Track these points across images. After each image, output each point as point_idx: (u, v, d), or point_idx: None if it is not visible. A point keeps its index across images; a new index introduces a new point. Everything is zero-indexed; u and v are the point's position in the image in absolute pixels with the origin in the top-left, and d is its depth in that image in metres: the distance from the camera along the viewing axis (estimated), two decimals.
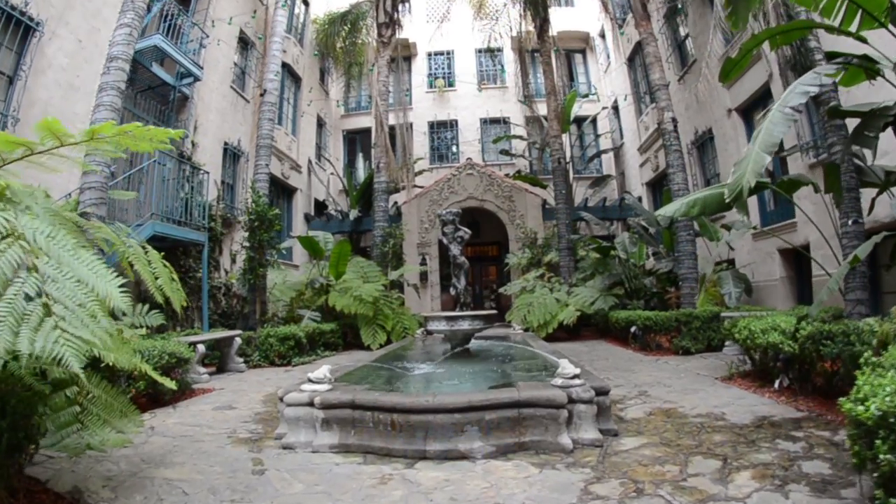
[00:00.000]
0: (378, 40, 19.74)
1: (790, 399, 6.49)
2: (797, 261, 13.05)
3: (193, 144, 14.98)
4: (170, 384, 4.88)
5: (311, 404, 5.10)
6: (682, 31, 18.27)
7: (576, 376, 5.11)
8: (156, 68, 13.42)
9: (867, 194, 8.16)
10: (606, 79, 26.50)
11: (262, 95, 14.68)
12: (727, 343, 10.70)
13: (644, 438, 5.17)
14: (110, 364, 3.60)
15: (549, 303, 15.11)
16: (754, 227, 13.63)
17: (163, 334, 10.86)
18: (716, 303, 12.91)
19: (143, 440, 5.79)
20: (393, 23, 19.76)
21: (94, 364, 5.56)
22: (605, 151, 25.40)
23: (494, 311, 10.14)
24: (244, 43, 18.79)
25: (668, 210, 8.83)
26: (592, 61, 28.23)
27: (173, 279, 5.25)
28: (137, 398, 7.54)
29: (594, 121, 26.34)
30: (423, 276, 19.99)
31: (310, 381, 5.35)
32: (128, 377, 7.26)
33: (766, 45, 12.36)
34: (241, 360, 11.36)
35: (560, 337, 14.86)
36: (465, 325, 8.95)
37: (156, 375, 5.15)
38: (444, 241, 10.27)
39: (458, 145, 27.47)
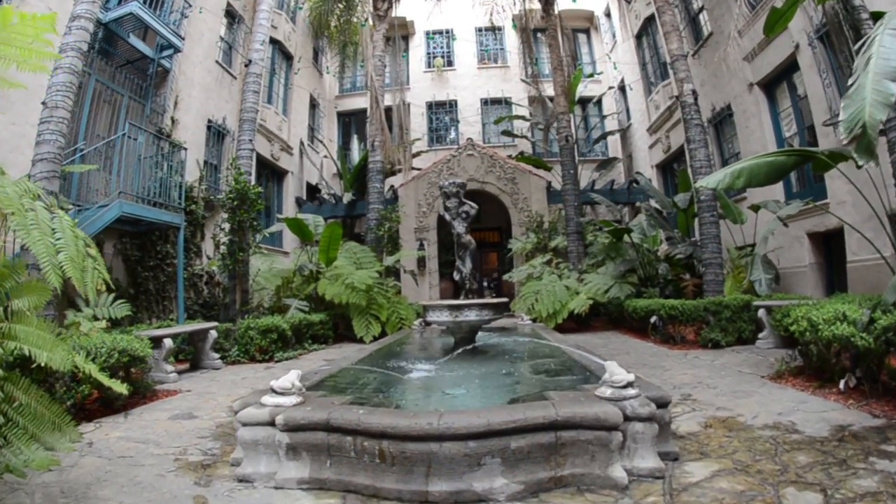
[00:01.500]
0: (374, 14, 18.33)
1: (860, 402, 5.37)
2: (827, 246, 11.92)
3: (173, 121, 13.68)
4: (118, 388, 4.19)
5: (273, 424, 3.74)
6: (696, 4, 16.88)
7: (629, 384, 3.76)
8: (133, 40, 12.23)
9: None
10: (612, 58, 25.09)
11: (246, 66, 13.28)
12: (761, 335, 9.59)
13: (713, 463, 3.90)
14: (43, 365, 3.23)
15: (559, 291, 13.77)
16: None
17: (132, 327, 9.61)
18: (743, 290, 11.69)
19: (74, 461, 4.57)
20: None
21: (23, 364, 4.57)
22: (611, 133, 23.97)
23: (505, 300, 8.73)
24: (231, 17, 17.39)
25: (709, 181, 7.54)
26: (597, 41, 26.90)
27: (92, 257, 3.90)
28: (88, 403, 6.36)
29: (599, 102, 25.09)
30: (421, 263, 18.70)
31: (273, 391, 3.97)
32: (72, 379, 5.97)
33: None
34: (217, 356, 9.99)
35: (569, 328, 13.57)
36: (471, 316, 7.56)
37: (102, 377, 4.52)
38: (447, 216, 8.90)
39: (457, 126, 26.15)
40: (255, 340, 10.25)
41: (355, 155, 24.31)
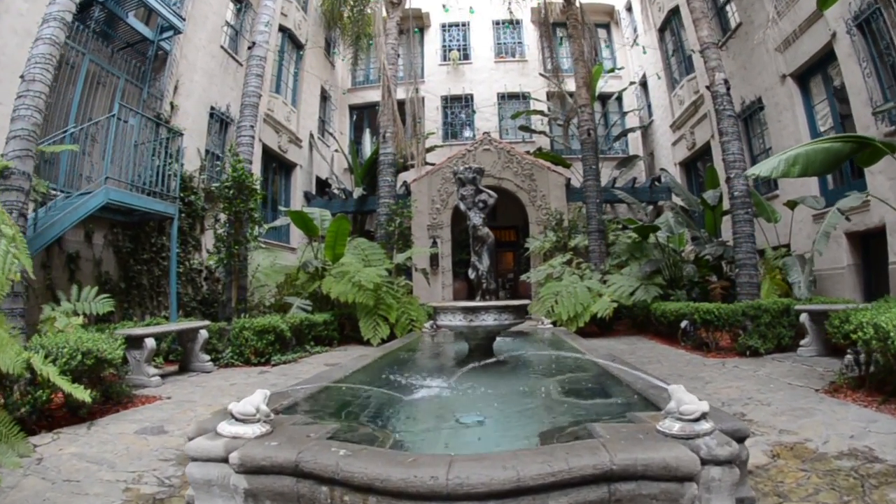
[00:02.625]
0: (387, 1, 17.35)
1: None
2: (865, 246, 11.06)
3: (172, 106, 12.89)
4: (80, 394, 4.07)
5: (227, 460, 2.80)
6: None
7: (703, 415, 2.78)
8: (132, 20, 11.47)
9: None
10: (633, 53, 24.13)
11: (250, 48, 12.40)
12: (803, 342, 8.70)
13: None
14: None
15: (580, 292, 12.77)
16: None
17: (118, 324, 8.83)
18: (780, 293, 10.76)
19: (16, 481, 3.82)
20: None
21: None
22: (631, 130, 23.00)
23: (526, 302, 7.73)
24: (239, 1, 16.57)
25: (762, 168, 6.68)
26: (617, 36, 25.93)
27: (7, 237, 3.07)
28: (54, 409, 5.62)
29: (619, 98, 24.06)
30: (434, 261, 17.80)
31: (232, 417, 3.03)
32: (29, 383, 5.14)
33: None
34: (208, 358, 9.08)
35: (591, 332, 12.58)
36: (488, 321, 6.56)
37: (62, 382, 4.34)
38: (462, 206, 7.94)
39: (472, 121, 25.25)
40: (251, 342, 9.31)
41: (367, 150, 23.48)
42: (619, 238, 15.74)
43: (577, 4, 16.96)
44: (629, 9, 24.41)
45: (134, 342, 7.57)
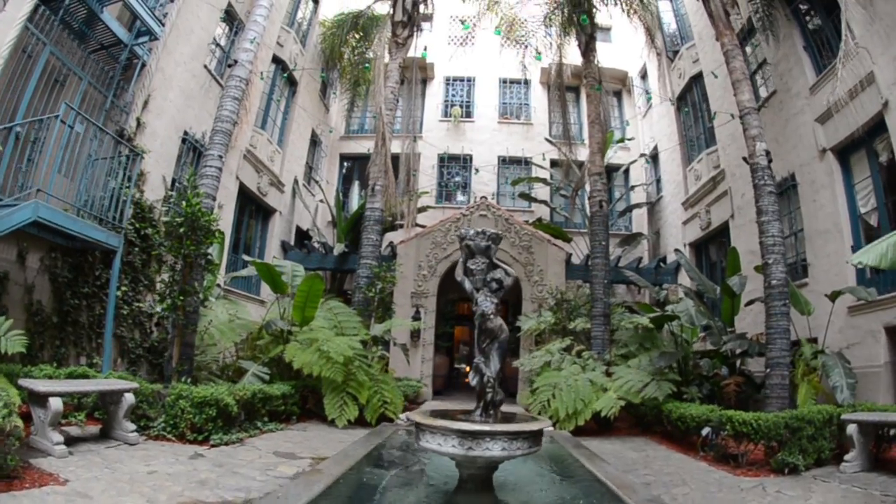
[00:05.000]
0: (392, 40, 16.60)
1: None
2: None
3: (139, 123, 11.70)
4: None
5: None
6: (756, 58, 15.27)
7: None
8: (107, 16, 10.35)
9: None
10: (644, 124, 23.50)
11: (230, 66, 11.37)
12: (848, 457, 7.62)
13: None
14: None
15: (582, 386, 11.44)
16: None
17: (29, 367, 7.48)
18: (817, 398, 9.68)
19: None
20: (411, 22, 16.63)
21: None
22: (638, 206, 22.17)
23: (545, 422, 6.09)
24: (231, 20, 15.72)
25: (866, 257, 5.50)
26: (629, 105, 25.43)
27: None
28: None
29: (626, 171, 23.33)
30: (415, 333, 16.43)
31: None
32: None
33: (878, 69, 9.74)
34: (134, 427, 7.54)
35: (589, 429, 11.21)
36: (494, 450, 5.04)
37: None
38: (467, 284, 6.52)
39: (469, 184, 24.33)
40: (187, 414, 7.85)
41: (354, 204, 22.45)
42: (621, 323, 14.56)
43: (596, 63, 16.17)
44: (644, 76, 23.95)
45: (38, 399, 6.26)
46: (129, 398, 7.44)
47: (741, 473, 7.86)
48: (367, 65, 19.14)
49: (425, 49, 17.87)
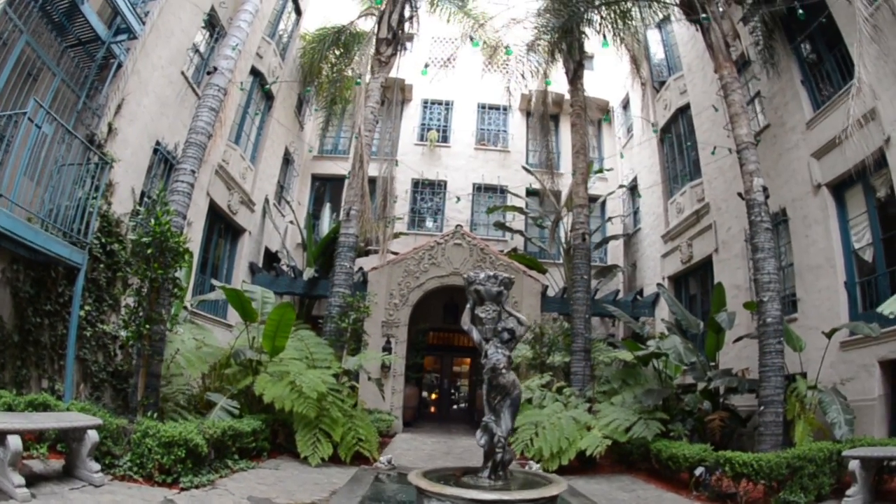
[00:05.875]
0: (375, 58, 16.24)
1: None
2: (895, 376, 10.15)
3: (111, 128, 10.91)
4: None
5: None
6: (748, 90, 15.19)
7: None
8: (87, 9, 9.74)
9: None
10: (625, 154, 23.46)
11: (209, 74, 10.88)
12: (849, 492, 7.52)
13: None
14: None
15: (565, 424, 11.10)
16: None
17: None
18: (815, 436, 9.62)
19: None
20: (396, 40, 16.31)
21: None
22: (615, 237, 21.95)
23: (564, 487, 5.63)
24: (212, 27, 15.12)
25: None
26: (608, 135, 25.33)
27: None
28: None
29: (603, 203, 23.20)
30: (385, 363, 15.91)
31: None
32: None
33: (882, 105, 9.83)
34: (98, 468, 6.87)
35: (572, 467, 10.84)
36: None
37: None
38: (475, 334, 6.15)
39: (443, 211, 24.05)
40: (155, 454, 7.24)
41: (325, 226, 21.77)
42: (599, 357, 14.34)
43: (582, 88, 16.03)
44: (626, 106, 23.94)
45: None
46: (93, 436, 6.80)
47: None
48: (345, 83, 18.66)
49: (397, 70, 17.53)
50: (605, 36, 16.01)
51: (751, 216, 10.86)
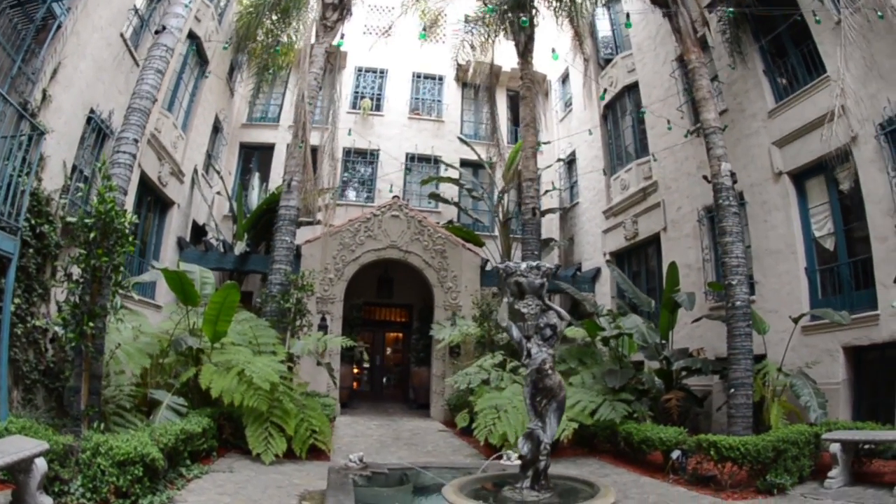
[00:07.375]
0: (320, 23, 15.19)
1: None
2: (857, 361, 10.47)
3: (45, 95, 9.34)
4: None
5: None
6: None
7: None
8: None
9: None
10: (562, 129, 23.07)
11: (157, 34, 9.66)
12: (831, 474, 7.87)
13: None
14: None
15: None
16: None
17: None
18: (787, 419, 9.80)
19: None
20: (342, 5, 15.24)
21: None
22: (552, 210, 21.58)
23: (613, 499, 5.05)
24: None
25: None
26: (544, 108, 24.73)
27: None
28: None
29: (539, 176, 22.70)
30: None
31: None
32: None
33: (852, 103, 9.94)
34: (49, 501, 5.79)
35: None
36: None
37: None
38: (514, 332, 5.52)
39: (374, 181, 23.09)
40: (108, 475, 6.15)
41: (254, 197, 20.46)
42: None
43: (531, 65, 15.43)
44: (564, 80, 23.54)
45: None
46: (42, 465, 5.61)
47: (727, 496, 7.77)
48: (281, 49, 17.35)
49: (342, 37, 16.40)
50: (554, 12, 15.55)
51: (718, 199, 10.80)
